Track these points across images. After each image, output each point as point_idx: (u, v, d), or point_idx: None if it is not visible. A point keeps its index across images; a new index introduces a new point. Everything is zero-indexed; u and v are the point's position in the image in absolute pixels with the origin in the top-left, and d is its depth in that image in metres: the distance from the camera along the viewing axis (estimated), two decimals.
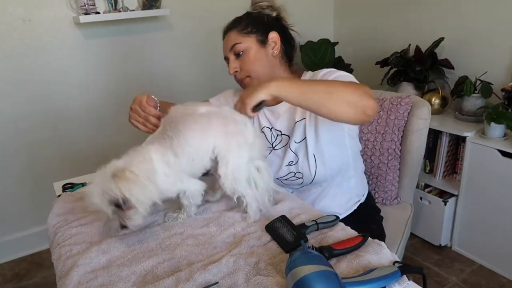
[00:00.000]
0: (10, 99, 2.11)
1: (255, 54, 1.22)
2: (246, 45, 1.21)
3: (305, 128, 1.21)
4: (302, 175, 1.25)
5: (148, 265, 0.89)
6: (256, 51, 1.22)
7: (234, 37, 1.22)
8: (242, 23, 1.23)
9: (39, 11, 2.06)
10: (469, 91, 2.07)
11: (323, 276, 0.70)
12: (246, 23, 1.22)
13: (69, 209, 1.16)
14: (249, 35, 1.21)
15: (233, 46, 1.22)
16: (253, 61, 1.22)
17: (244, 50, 1.21)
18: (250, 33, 1.21)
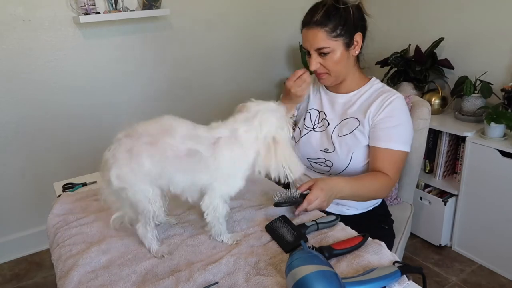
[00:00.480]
0: (10, 99, 2.10)
1: (340, 56, 1.21)
2: (333, 48, 1.20)
3: (356, 129, 1.27)
4: (332, 164, 1.31)
5: (148, 265, 0.89)
6: (340, 54, 1.21)
7: (321, 38, 1.18)
8: (330, 23, 1.17)
9: (39, 11, 2.06)
10: (469, 91, 2.07)
11: (323, 276, 0.70)
12: (335, 24, 1.17)
13: (69, 209, 1.16)
14: (337, 39, 1.19)
15: (320, 48, 1.20)
16: (336, 63, 1.22)
17: (330, 52, 1.20)
18: (338, 36, 1.19)
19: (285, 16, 2.82)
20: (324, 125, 1.33)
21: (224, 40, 2.65)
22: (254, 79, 2.84)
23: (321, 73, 1.25)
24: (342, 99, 1.32)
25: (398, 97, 1.25)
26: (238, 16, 2.65)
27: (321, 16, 1.18)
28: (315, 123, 1.36)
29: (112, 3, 2.13)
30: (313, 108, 1.38)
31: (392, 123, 1.22)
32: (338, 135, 1.30)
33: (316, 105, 1.38)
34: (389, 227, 1.41)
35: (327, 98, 1.36)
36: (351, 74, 1.29)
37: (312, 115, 1.38)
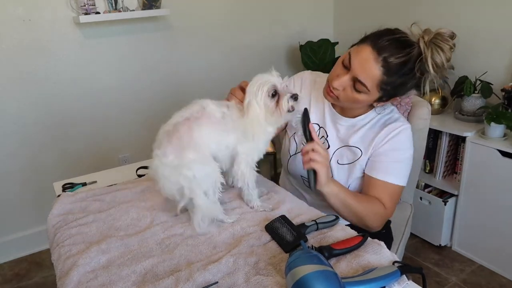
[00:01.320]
0: (10, 99, 2.10)
1: (363, 101, 1.10)
2: (368, 94, 1.07)
3: (357, 160, 1.20)
4: None
5: (148, 265, 0.89)
6: (366, 101, 1.10)
7: (372, 77, 1.03)
8: (392, 77, 1.03)
9: (39, 11, 2.06)
10: (469, 91, 2.07)
11: (322, 275, 0.70)
12: (394, 81, 1.03)
13: (69, 209, 1.16)
14: (380, 91, 1.06)
15: (361, 82, 1.04)
16: (355, 102, 1.10)
17: (362, 92, 1.07)
18: (383, 90, 1.06)
19: (285, 16, 2.82)
20: (324, 144, 1.24)
21: (224, 40, 2.65)
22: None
23: (332, 93, 1.11)
24: (346, 123, 1.22)
25: (405, 128, 1.16)
26: (238, 16, 2.65)
27: (396, 64, 1.01)
28: None
29: (112, 3, 2.13)
30: (314, 123, 1.26)
31: (394, 158, 1.15)
32: (337, 162, 1.23)
33: (317, 119, 1.27)
34: (387, 230, 1.39)
35: (330, 116, 1.25)
36: (359, 108, 1.19)
37: None
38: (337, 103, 1.17)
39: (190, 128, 0.99)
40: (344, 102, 1.13)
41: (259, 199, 1.11)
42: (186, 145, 0.97)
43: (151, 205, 1.14)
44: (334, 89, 1.10)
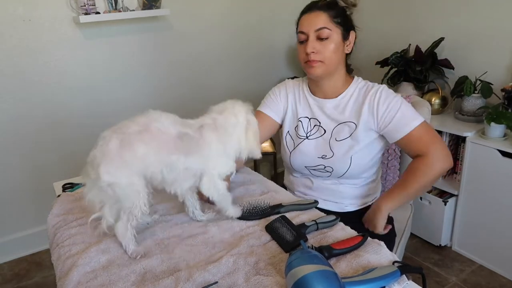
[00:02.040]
0: (10, 99, 2.11)
1: (337, 45, 1.24)
2: (332, 34, 1.22)
3: (354, 132, 1.27)
4: (332, 169, 1.30)
5: (147, 265, 0.89)
6: (338, 43, 1.24)
7: (324, 20, 1.22)
8: (334, 10, 1.23)
9: (39, 11, 2.06)
10: (469, 91, 2.07)
11: (322, 275, 0.70)
12: (338, 12, 1.24)
13: (69, 209, 1.16)
14: (338, 26, 1.23)
15: (321, 29, 1.21)
16: (333, 51, 1.24)
17: (329, 37, 1.22)
18: (339, 24, 1.24)
19: (285, 16, 2.82)
20: (319, 131, 1.32)
21: (224, 40, 2.65)
22: (254, 79, 2.84)
23: (314, 61, 1.23)
24: (331, 104, 1.31)
25: (382, 87, 1.27)
26: (238, 16, 2.65)
27: (325, 3, 1.24)
28: (308, 131, 1.34)
29: (112, 3, 2.13)
30: (303, 116, 1.36)
31: (393, 111, 1.22)
32: (336, 139, 1.29)
33: (306, 113, 1.36)
34: (390, 224, 1.41)
35: (316, 104, 1.34)
36: (337, 74, 1.29)
37: (304, 124, 1.35)
38: (324, 70, 1.25)
39: (130, 143, 0.91)
40: (327, 59, 1.23)
41: (232, 206, 1.05)
42: (121, 162, 0.90)
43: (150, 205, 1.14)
44: (312, 55, 1.22)
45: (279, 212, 1.06)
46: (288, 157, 1.38)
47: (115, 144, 0.91)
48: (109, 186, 0.91)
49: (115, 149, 0.91)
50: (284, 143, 1.41)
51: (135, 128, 0.93)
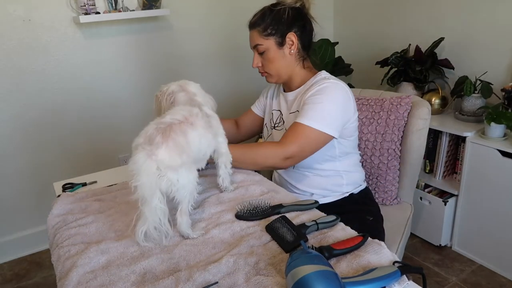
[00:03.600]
0: (10, 99, 2.11)
1: (273, 54, 1.32)
2: (266, 47, 1.31)
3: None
4: None
5: (147, 265, 0.89)
6: (274, 52, 1.32)
7: (255, 37, 1.32)
8: (262, 24, 1.30)
9: (39, 11, 2.06)
10: (469, 91, 2.07)
11: (323, 276, 0.70)
12: (266, 25, 1.30)
13: (69, 210, 1.16)
14: (268, 38, 1.31)
15: (255, 46, 1.33)
16: (271, 61, 1.33)
17: (265, 50, 1.32)
18: (269, 36, 1.30)
19: None
20: (281, 122, 1.43)
21: (224, 40, 2.65)
22: (254, 79, 2.84)
23: (262, 72, 1.38)
24: (291, 96, 1.40)
25: (334, 82, 1.29)
26: (238, 16, 2.65)
27: (257, 18, 1.32)
28: (276, 123, 1.46)
29: (112, 3, 2.13)
30: (274, 109, 1.49)
31: (311, 101, 1.26)
32: (285, 128, 1.36)
33: (276, 106, 1.48)
34: (375, 219, 1.40)
35: (283, 97, 1.45)
36: (294, 73, 1.37)
37: (274, 116, 1.48)
38: (275, 78, 1.38)
39: (185, 132, 0.97)
40: (271, 70, 1.35)
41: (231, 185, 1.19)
42: (181, 148, 0.94)
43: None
44: (259, 69, 1.38)
45: (279, 212, 1.06)
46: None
47: (180, 132, 0.96)
48: (176, 171, 0.93)
49: (182, 137, 0.96)
50: (263, 133, 1.56)
51: (183, 119, 0.99)
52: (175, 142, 0.93)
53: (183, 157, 0.94)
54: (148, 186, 0.91)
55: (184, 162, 0.94)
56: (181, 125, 0.97)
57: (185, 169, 0.95)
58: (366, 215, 1.38)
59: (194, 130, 0.98)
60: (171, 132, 0.94)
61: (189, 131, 0.97)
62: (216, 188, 1.22)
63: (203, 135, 1.01)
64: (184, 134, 0.96)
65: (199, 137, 1.00)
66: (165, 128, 0.94)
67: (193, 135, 0.97)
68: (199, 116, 1.03)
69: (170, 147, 0.92)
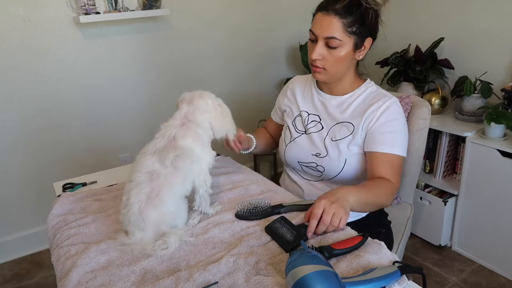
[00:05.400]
0: (10, 99, 2.10)
1: (346, 55, 1.17)
2: (343, 44, 1.15)
3: (351, 134, 1.23)
4: (323, 169, 1.28)
5: (147, 265, 0.89)
6: (347, 53, 1.17)
7: (337, 28, 1.13)
8: (349, 17, 1.12)
9: (39, 11, 2.06)
10: (469, 91, 2.07)
11: (323, 276, 0.70)
12: (354, 19, 1.13)
13: (69, 210, 1.16)
14: (351, 36, 1.15)
15: (331, 38, 1.14)
16: (339, 61, 1.18)
17: (338, 47, 1.15)
18: (352, 34, 1.15)
19: (285, 16, 2.82)
20: (317, 128, 1.30)
21: (224, 40, 2.65)
22: (254, 79, 2.84)
23: (319, 68, 1.20)
24: (336, 101, 1.28)
25: (395, 101, 1.23)
26: (238, 16, 2.65)
27: (343, 6, 1.12)
28: (307, 126, 1.32)
29: (112, 3, 2.13)
30: (304, 110, 1.34)
31: (391, 128, 1.20)
32: (331, 139, 1.26)
33: (307, 107, 1.34)
34: (387, 229, 1.39)
35: (320, 99, 1.32)
36: (346, 77, 1.25)
37: (303, 118, 1.34)
38: (328, 77, 1.22)
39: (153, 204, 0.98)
40: (332, 69, 1.19)
41: (210, 207, 1.10)
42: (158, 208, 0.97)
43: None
44: (316, 61, 1.18)
45: (279, 212, 1.06)
46: (283, 150, 1.38)
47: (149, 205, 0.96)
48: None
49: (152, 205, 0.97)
50: (282, 136, 1.41)
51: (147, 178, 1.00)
52: (156, 210, 0.95)
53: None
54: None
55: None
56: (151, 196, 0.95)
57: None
58: (379, 228, 1.35)
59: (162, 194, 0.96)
60: (148, 204, 0.95)
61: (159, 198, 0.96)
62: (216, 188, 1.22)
63: (172, 188, 0.98)
64: (160, 200, 0.96)
65: (171, 192, 0.98)
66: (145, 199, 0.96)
67: (164, 197, 0.97)
68: (161, 175, 0.97)
69: (156, 213, 0.95)
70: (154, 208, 0.95)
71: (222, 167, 1.38)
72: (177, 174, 0.98)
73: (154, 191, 0.95)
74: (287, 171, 1.44)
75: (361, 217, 1.34)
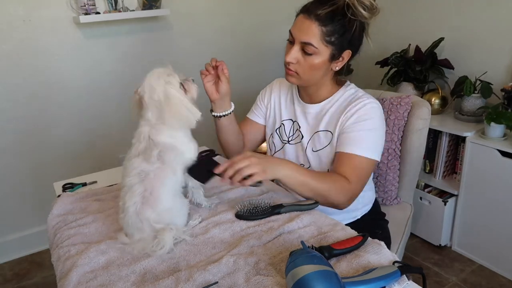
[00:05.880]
0: (10, 99, 2.10)
1: (320, 64, 1.13)
2: (319, 52, 1.11)
3: (330, 142, 1.20)
4: None
5: (147, 265, 0.89)
6: (321, 62, 1.13)
7: (313, 34, 1.08)
8: (329, 25, 1.08)
9: (39, 11, 2.06)
10: (469, 91, 2.07)
11: (323, 275, 0.70)
12: (334, 29, 1.08)
13: (69, 210, 1.16)
14: (327, 45, 1.10)
15: (307, 43, 1.10)
16: (312, 68, 1.14)
17: (314, 54, 1.11)
18: (330, 44, 1.10)
19: (285, 16, 2.82)
20: (299, 137, 1.27)
21: (224, 40, 2.65)
22: (254, 79, 2.84)
23: (291, 71, 1.16)
24: (314, 109, 1.25)
25: (372, 102, 1.17)
26: (238, 16, 2.65)
27: (326, 14, 1.07)
28: (290, 135, 1.30)
29: (112, 3, 2.13)
30: (286, 119, 1.32)
31: (361, 128, 1.14)
32: (312, 150, 1.24)
33: (289, 115, 1.31)
34: (383, 230, 1.38)
35: (300, 107, 1.28)
36: (323, 85, 1.22)
37: (286, 127, 1.31)
38: (301, 82, 1.19)
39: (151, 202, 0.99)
40: (304, 75, 1.16)
41: (205, 199, 1.12)
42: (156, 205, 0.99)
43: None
44: (290, 65, 1.15)
45: (279, 212, 1.06)
46: None
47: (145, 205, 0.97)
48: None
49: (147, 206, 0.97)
50: (267, 146, 1.40)
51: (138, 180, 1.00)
52: (153, 209, 0.96)
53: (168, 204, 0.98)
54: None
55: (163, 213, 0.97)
56: (145, 196, 0.96)
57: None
58: (375, 230, 1.31)
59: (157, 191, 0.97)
60: (144, 205, 0.95)
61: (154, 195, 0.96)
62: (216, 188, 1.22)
63: (164, 182, 0.98)
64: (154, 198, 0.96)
65: (164, 187, 0.98)
66: (140, 201, 0.96)
67: (159, 193, 0.97)
68: (152, 166, 0.98)
69: (152, 212, 0.96)
70: (150, 207, 0.95)
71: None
72: (165, 168, 0.98)
73: (147, 190, 0.95)
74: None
75: (356, 219, 1.33)
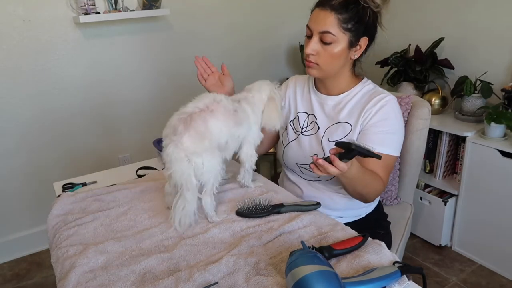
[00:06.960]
0: (10, 99, 2.10)
1: (339, 52, 1.16)
2: (337, 40, 1.14)
3: (348, 134, 1.22)
4: None
5: (147, 265, 0.89)
6: (341, 50, 1.16)
7: (332, 23, 1.13)
8: (345, 13, 1.12)
9: (39, 11, 2.06)
10: (469, 91, 2.07)
11: (323, 276, 0.70)
12: (350, 16, 1.12)
13: (69, 210, 1.16)
14: (346, 32, 1.14)
15: (325, 32, 1.14)
16: (333, 57, 1.17)
17: (332, 42, 1.14)
18: (348, 31, 1.14)
19: (285, 16, 2.82)
20: (314, 128, 1.29)
21: (224, 40, 2.65)
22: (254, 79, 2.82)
23: (312, 63, 1.19)
24: (332, 101, 1.27)
25: (392, 99, 1.21)
26: (238, 16, 2.65)
27: (340, 3, 1.12)
28: (304, 127, 1.32)
29: (112, 3, 2.13)
30: (301, 111, 1.34)
31: (386, 127, 1.18)
32: (328, 140, 1.25)
33: (305, 108, 1.34)
34: (386, 231, 1.39)
35: (317, 99, 1.31)
36: (342, 76, 1.24)
37: (301, 119, 1.33)
38: (321, 73, 1.22)
39: (205, 119, 1.03)
40: (325, 65, 1.19)
41: (252, 182, 1.23)
42: (201, 134, 1.01)
43: (150, 205, 1.15)
44: (310, 57, 1.19)
45: (279, 211, 1.06)
46: (281, 152, 1.37)
47: (201, 120, 1.02)
48: (201, 156, 1.01)
49: (203, 124, 1.02)
50: (280, 138, 1.41)
51: (204, 107, 1.05)
52: (196, 130, 1.00)
53: (205, 143, 1.01)
54: (180, 172, 1.00)
55: (207, 148, 1.01)
56: (201, 113, 1.03)
57: (209, 154, 1.02)
58: (377, 230, 1.33)
59: (213, 117, 1.04)
60: (192, 121, 1.01)
61: (209, 119, 1.03)
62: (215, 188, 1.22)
63: (222, 122, 1.05)
64: (204, 122, 1.02)
65: (219, 124, 1.04)
66: (185, 118, 1.01)
67: (212, 122, 1.03)
68: (221, 104, 1.07)
69: (192, 135, 1.00)
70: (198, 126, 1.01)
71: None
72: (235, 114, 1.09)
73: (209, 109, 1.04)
74: (285, 172, 1.44)
75: (359, 218, 1.34)
